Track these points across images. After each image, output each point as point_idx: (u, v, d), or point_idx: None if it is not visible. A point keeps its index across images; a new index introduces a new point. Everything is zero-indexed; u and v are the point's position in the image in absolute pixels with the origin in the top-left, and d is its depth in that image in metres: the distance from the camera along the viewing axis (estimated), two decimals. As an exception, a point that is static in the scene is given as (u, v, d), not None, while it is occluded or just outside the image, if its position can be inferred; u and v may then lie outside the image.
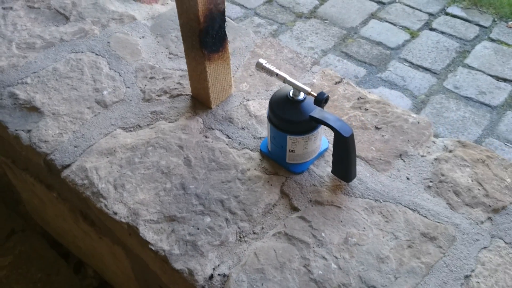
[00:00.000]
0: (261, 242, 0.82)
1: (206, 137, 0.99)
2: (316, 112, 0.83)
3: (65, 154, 0.97)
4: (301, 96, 0.85)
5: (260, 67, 0.88)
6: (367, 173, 0.91)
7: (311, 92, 0.82)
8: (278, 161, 0.93)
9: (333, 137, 0.84)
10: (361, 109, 1.04)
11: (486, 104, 2.33)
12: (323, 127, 0.87)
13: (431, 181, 0.90)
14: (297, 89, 0.84)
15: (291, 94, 0.85)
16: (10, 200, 1.68)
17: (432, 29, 2.82)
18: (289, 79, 0.84)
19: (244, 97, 1.08)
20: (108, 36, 1.25)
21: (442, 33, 2.78)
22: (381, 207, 0.86)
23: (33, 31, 1.27)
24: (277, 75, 0.86)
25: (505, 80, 2.46)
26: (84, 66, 1.17)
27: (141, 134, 1.00)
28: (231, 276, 0.78)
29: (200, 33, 0.89)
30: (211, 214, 0.86)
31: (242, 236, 0.83)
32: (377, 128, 0.99)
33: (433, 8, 2.97)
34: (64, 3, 1.36)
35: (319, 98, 0.80)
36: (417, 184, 0.90)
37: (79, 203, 1.01)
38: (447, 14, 2.92)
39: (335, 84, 1.10)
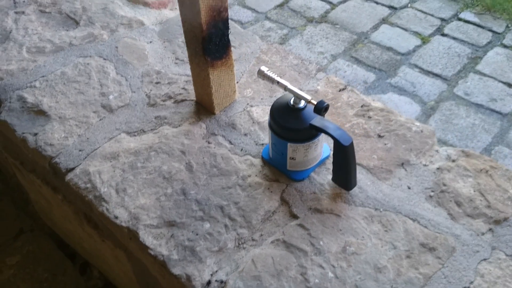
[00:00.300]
0: (259, 249, 0.82)
1: (208, 142, 1.00)
2: (317, 120, 0.83)
3: (70, 158, 0.99)
4: (301, 104, 0.85)
5: (261, 74, 0.88)
6: (368, 181, 0.91)
7: (311, 101, 0.82)
8: (279, 168, 0.93)
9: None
10: (364, 116, 1.03)
11: (496, 112, 2.31)
12: (324, 135, 0.88)
13: (432, 191, 0.89)
14: (297, 97, 0.84)
15: (291, 102, 0.85)
16: (20, 200, 1.71)
17: (444, 34, 2.80)
18: (289, 87, 0.85)
19: (248, 103, 1.08)
20: (116, 41, 1.27)
21: (454, 38, 2.76)
22: (381, 216, 0.86)
23: (43, 35, 1.30)
24: (278, 83, 0.86)
25: (517, 87, 2.43)
26: (91, 71, 1.18)
27: (145, 139, 1.01)
28: (228, 283, 0.78)
29: (203, 40, 0.90)
30: (210, 220, 0.87)
31: (240, 243, 0.84)
32: (379, 136, 0.99)
33: (446, 14, 2.95)
34: (75, 7, 1.38)
35: (319, 106, 0.80)
36: (418, 193, 0.89)
37: (82, 206, 1.03)
38: (459, 19, 2.90)
39: (339, 91, 1.10)
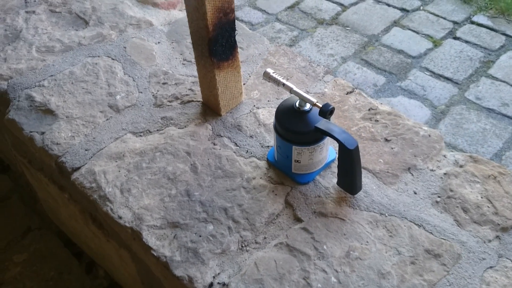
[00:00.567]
0: (262, 252, 0.82)
1: (214, 144, 1.00)
2: (322, 123, 0.82)
3: (76, 157, 0.99)
4: (307, 107, 0.84)
5: (267, 76, 0.88)
6: (373, 185, 0.90)
7: (317, 103, 0.82)
8: (284, 170, 0.93)
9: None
10: (371, 120, 1.02)
11: (508, 116, 2.27)
12: (329, 138, 0.87)
13: (439, 196, 0.88)
14: (303, 100, 0.84)
15: (297, 105, 0.85)
16: (28, 199, 1.72)
17: (456, 38, 2.76)
18: (295, 89, 0.84)
19: (254, 105, 1.08)
20: (124, 41, 1.27)
21: (466, 42, 2.72)
22: (385, 221, 0.85)
23: (53, 34, 1.31)
24: (284, 85, 0.86)
25: (530, 92, 2.39)
26: (99, 70, 1.19)
27: (150, 139, 1.01)
28: (230, 285, 0.78)
29: (209, 41, 0.90)
30: (214, 222, 0.86)
31: (243, 245, 0.83)
32: (386, 140, 0.98)
33: (458, 17, 2.91)
34: (85, 7, 1.39)
35: (324, 109, 0.79)
36: (424, 199, 0.88)
37: (88, 206, 1.03)
38: (472, 22, 2.86)
39: (347, 94, 1.09)
